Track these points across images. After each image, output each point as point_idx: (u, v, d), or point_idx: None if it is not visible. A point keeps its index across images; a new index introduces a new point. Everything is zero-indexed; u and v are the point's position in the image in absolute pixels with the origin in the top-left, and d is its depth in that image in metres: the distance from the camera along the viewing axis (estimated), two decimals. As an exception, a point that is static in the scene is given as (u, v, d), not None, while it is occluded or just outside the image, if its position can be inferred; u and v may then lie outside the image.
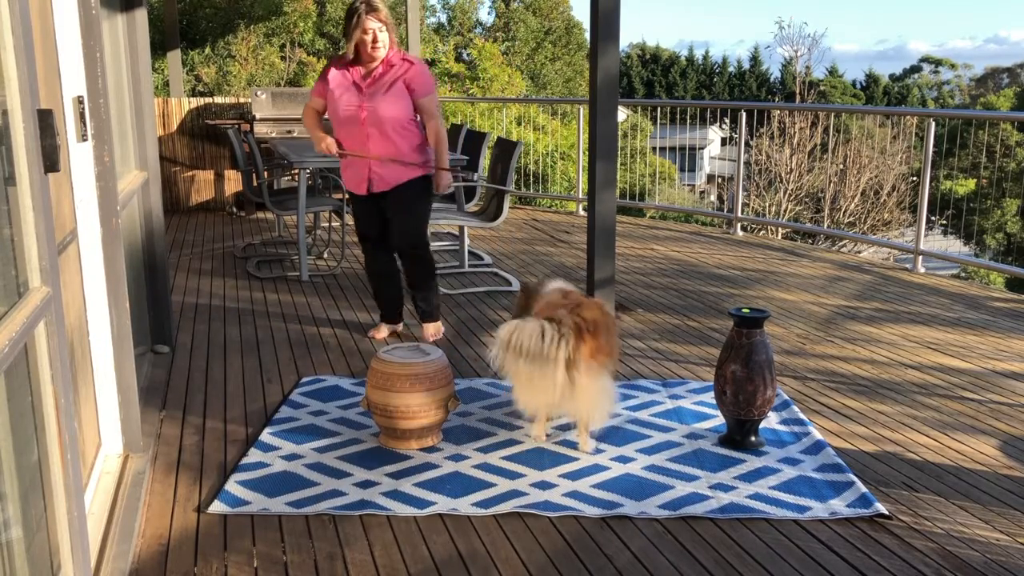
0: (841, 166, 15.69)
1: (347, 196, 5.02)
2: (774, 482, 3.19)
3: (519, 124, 13.14)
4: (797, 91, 22.08)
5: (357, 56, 4.54)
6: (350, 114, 4.54)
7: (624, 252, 7.14)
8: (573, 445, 3.50)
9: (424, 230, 4.80)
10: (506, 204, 6.20)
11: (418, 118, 4.64)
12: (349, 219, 8.75)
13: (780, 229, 12.96)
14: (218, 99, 10.10)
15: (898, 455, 3.44)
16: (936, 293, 6.02)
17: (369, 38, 4.43)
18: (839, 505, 3.01)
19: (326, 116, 4.72)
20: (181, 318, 5.33)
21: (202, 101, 9.93)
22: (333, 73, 4.59)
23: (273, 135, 9.33)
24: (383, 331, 4.96)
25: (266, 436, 3.58)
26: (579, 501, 3.04)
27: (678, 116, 13.82)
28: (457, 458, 3.37)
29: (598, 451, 3.45)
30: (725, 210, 17.47)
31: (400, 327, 5.04)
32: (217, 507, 2.99)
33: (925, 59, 50.86)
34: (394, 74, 4.51)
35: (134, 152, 4.51)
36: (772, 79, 40.04)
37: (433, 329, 4.91)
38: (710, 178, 31.21)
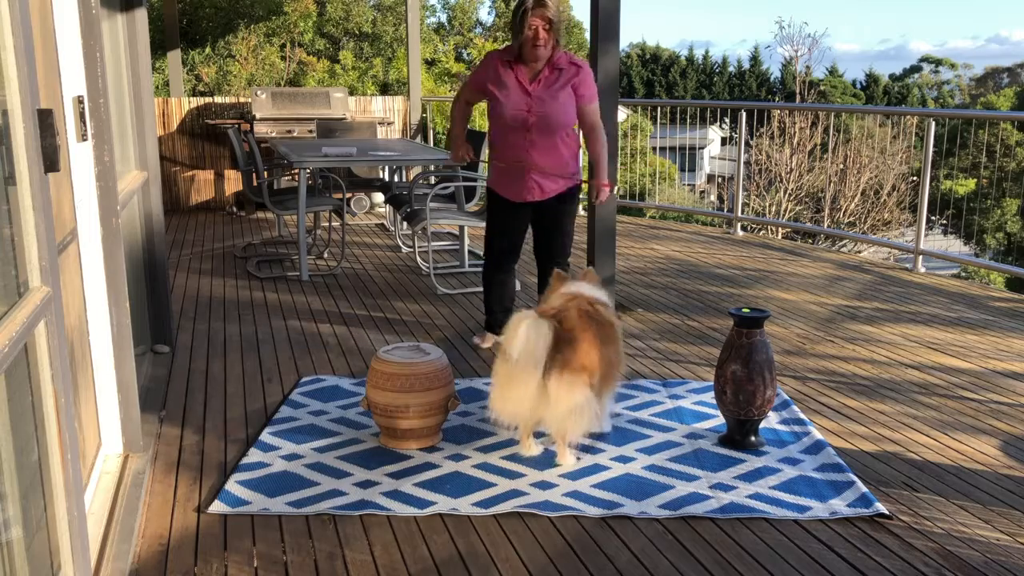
0: (841, 166, 15.69)
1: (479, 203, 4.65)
2: (774, 482, 3.19)
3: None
4: (797, 91, 22.08)
5: (521, 54, 4.30)
6: (517, 117, 4.32)
7: (624, 252, 7.13)
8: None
9: (571, 241, 4.63)
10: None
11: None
12: (349, 219, 8.77)
13: (780, 229, 12.96)
14: (218, 99, 10.10)
15: (898, 455, 3.44)
16: (936, 293, 6.02)
17: (531, 35, 4.20)
18: (839, 505, 3.01)
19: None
20: (181, 318, 5.33)
21: (202, 101, 9.94)
22: (495, 67, 4.35)
23: (273, 135, 9.34)
24: (489, 340, 4.73)
25: (266, 436, 3.58)
26: (579, 501, 3.04)
27: (678, 116, 13.82)
28: (457, 458, 3.37)
29: (598, 451, 3.45)
30: (725, 210, 17.47)
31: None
32: (217, 507, 2.99)
33: (925, 59, 50.84)
34: (563, 78, 4.31)
35: (134, 152, 4.51)
36: (772, 79, 40.03)
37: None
38: (710, 178, 31.20)
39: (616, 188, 4.51)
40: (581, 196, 4.96)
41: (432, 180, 7.17)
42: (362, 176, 8.90)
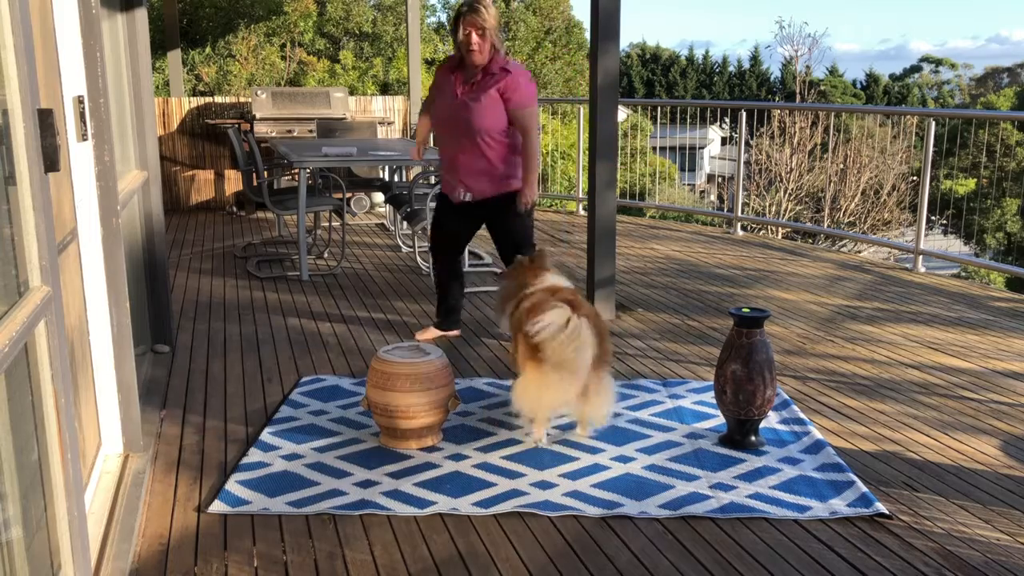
0: (841, 166, 15.69)
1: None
2: (774, 482, 3.19)
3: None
4: (797, 91, 22.08)
5: (463, 60, 4.47)
6: (444, 121, 4.53)
7: (624, 252, 7.14)
8: (573, 445, 3.50)
9: (527, 239, 4.67)
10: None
11: (511, 130, 4.51)
12: (349, 219, 8.77)
13: (780, 229, 12.96)
14: (218, 99, 10.10)
15: (898, 455, 3.45)
16: (936, 293, 6.02)
17: (464, 40, 4.35)
18: (839, 504, 3.01)
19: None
20: (181, 318, 5.33)
21: (202, 101, 9.93)
22: (442, 72, 4.56)
23: (273, 135, 9.34)
24: (431, 333, 4.87)
25: (266, 436, 3.58)
26: (579, 501, 3.04)
27: (678, 116, 13.82)
28: (457, 458, 3.37)
29: (598, 451, 3.45)
30: (725, 210, 17.47)
31: (455, 334, 4.93)
32: (217, 507, 2.99)
33: (925, 59, 50.84)
34: (490, 83, 4.40)
35: (134, 152, 4.51)
36: (772, 79, 40.03)
37: None
38: (710, 178, 31.20)
39: (532, 199, 4.63)
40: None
41: (432, 180, 7.16)
42: (362, 176, 8.90)
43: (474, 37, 4.33)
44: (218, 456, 3.43)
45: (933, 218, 17.36)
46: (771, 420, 3.72)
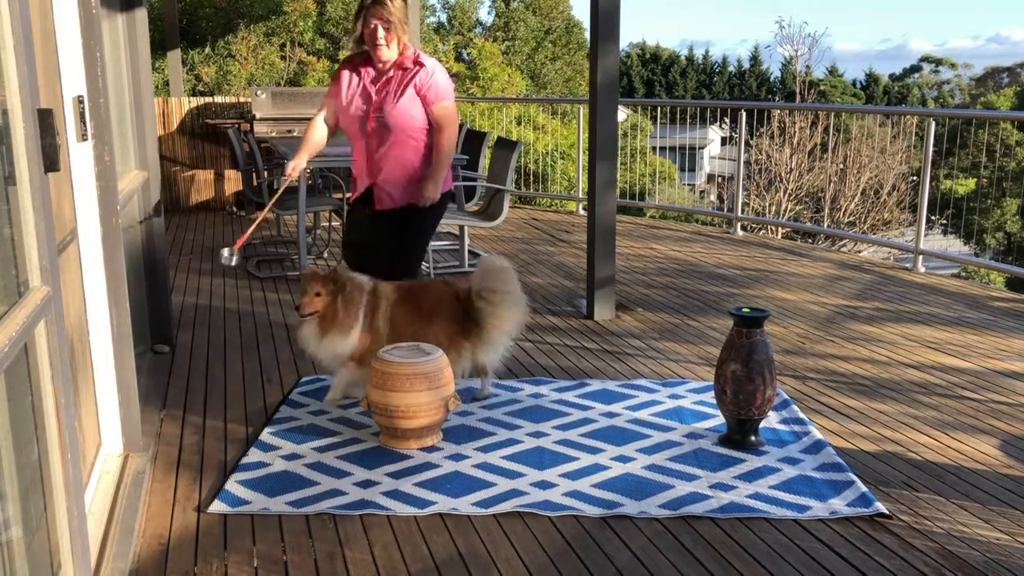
0: (841, 166, 15.70)
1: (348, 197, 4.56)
2: (774, 481, 3.19)
3: (519, 124, 13.14)
4: (797, 91, 22.09)
5: (370, 56, 4.15)
6: (358, 121, 4.15)
7: (624, 252, 7.13)
8: (573, 445, 3.50)
9: (416, 260, 4.32)
10: (506, 204, 6.20)
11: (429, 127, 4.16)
12: (349, 219, 8.77)
13: (780, 229, 12.96)
14: (218, 99, 10.10)
15: (898, 455, 3.45)
16: (936, 292, 6.02)
17: (369, 33, 4.04)
18: (839, 504, 3.01)
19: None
20: (181, 318, 5.33)
21: (202, 101, 9.93)
22: (344, 73, 4.20)
23: (273, 135, 9.33)
24: None
25: (266, 436, 3.58)
26: (579, 501, 3.04)
27: (678, 116, 13.81)
28: (457, 458, 3.37)
29: (598, 451, 3.45)
30: (725, 210, 17.47)
31: None
32: (217, 507, 2.99)
33: (925, 58, 50.82)
34: (405, 78, 4.10)
35: (134, 152, 4.51)
36: (772, 79, 40.02)
37: None
38: (710, 178, 31.19)
39: (432, 197, 4.15)
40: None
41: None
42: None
43: (380, 31, 4.01)
44: (218, 456, 3.43)
45: (933, 218, 17.37)
46: (771, 420, 3.72)
